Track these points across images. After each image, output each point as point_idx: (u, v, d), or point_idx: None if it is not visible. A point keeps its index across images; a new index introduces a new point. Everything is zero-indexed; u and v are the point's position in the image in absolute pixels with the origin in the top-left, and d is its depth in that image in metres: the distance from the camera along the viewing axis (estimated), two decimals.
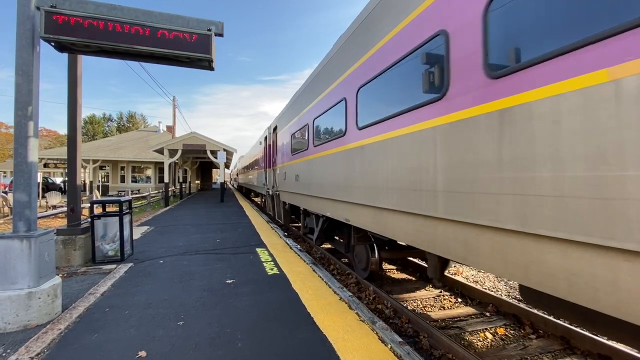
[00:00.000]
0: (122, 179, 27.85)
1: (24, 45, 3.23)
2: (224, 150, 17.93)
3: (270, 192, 11.44)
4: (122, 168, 27.87)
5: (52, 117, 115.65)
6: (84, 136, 61.83)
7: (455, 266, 6.25)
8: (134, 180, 28.27)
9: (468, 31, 2.40)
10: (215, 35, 3.94)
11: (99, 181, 26.66)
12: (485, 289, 4.92)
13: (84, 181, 24.57)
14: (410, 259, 6.36)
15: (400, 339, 2.78)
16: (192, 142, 17.75)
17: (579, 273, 1.64)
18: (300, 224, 8.50)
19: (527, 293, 2.38)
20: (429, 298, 4.74)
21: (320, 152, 5.89)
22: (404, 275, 5.84)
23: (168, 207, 15.44)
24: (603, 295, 1.54)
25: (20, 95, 3.21)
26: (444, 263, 3.63)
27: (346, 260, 6.58)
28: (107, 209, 5.70)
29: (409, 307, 4.37)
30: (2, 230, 9.37)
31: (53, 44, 3.55)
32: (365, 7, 4.20)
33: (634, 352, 2.97)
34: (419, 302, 4.61)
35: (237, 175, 39.55)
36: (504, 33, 2.17)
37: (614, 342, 3.17)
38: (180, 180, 24.30)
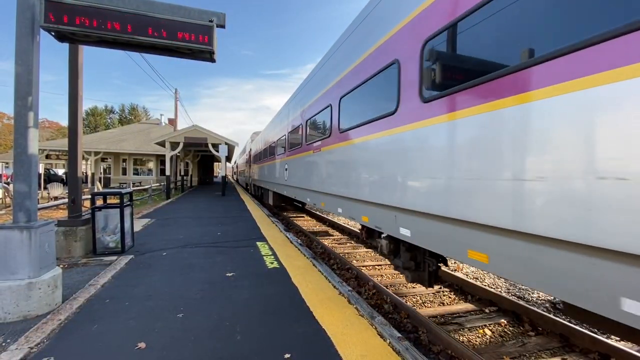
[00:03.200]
0: (124, 172, 27.87)
1: (23, 34, 3.19)
2: (226, 143, 17.87)
3: None
4: (124, 160, 27.88)
5: (54, 109, 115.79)
6: (86, 128, 61.84)
7: (455, 262, 6.26)
8: (136, 173, 28.29)
9: None
10: (217, 26, 3.89)
11: (101, 173, 26.69)
12: (485, 285, 4.92)
13: (86, 173, 24.65)
14: None
15: (399, 334, 2.78)
16: (194, 135, 17.69)
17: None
18: None
19: None
20: (428, 294, 4.74)
21: None
22: None
23: (169, 200, 15.47)
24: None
25: (20, 86, 3.18)
26: None
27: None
28: (108, 201, 5.70)
29: (409, 302, 4.37)
30: (4, 221, 9.42)
31: (53, 33, 3.51)
32: None
33: (632, 351, 2.96)
34: (418, 298, 4.61)
35: (248, 165, 22.47)
36: None
37: (613, 340, 3.17)
38: (182, 173, 24.31)
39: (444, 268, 5.60)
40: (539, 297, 4.64)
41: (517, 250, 2.08)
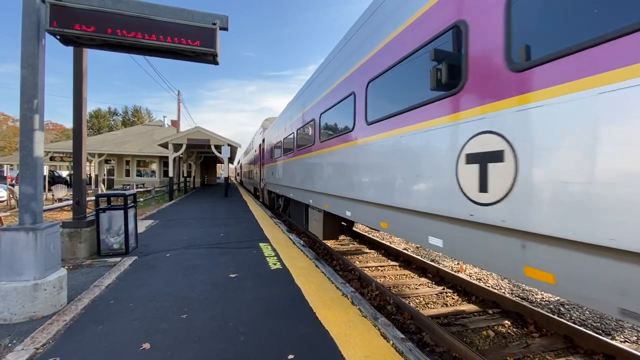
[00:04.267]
0: (127, 173, 28.02)
1: (29, 38, 3.23)
2: (228, 145, 17.92)
3: None
4: (127, 162, 28.03)
5: (58, 111, 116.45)
6: (90, 130, 62.22)
7: (458, 264, 6.24)
8: (139, 174, 28.43)
9: None
10: (220, 29, 3.92)
11: (104, 175, 26.87)
12: (489, 286, 4.91)
13: (90, 175, 24.80)
14: (415, 256, 6.35)
15: (402, 335, 2.78)
16: (197, 137, 17.76)
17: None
18: None
19: None
20: (431, 295, 4.73)
21: None
22: (406, 272, 5.83)
23: (172, 201, 15.53)
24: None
25: (26, 89, 3.22)
26: None
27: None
28: (112, 203, 5.74)
29: (412, 304, 4.36)
30: (10, 222, 9.48)
31: (58, 37, 3.55)
32: None
33: (638, 352, 2.94)
34: (421, 299, 4.60)
35: (258, 165, 16.36)
36: None
37: (617, 341, 3.15)
38: (185, 174, 24.42)
39: (446, 269, 5.58)
40: (543, 298, 4.62)
41: None
